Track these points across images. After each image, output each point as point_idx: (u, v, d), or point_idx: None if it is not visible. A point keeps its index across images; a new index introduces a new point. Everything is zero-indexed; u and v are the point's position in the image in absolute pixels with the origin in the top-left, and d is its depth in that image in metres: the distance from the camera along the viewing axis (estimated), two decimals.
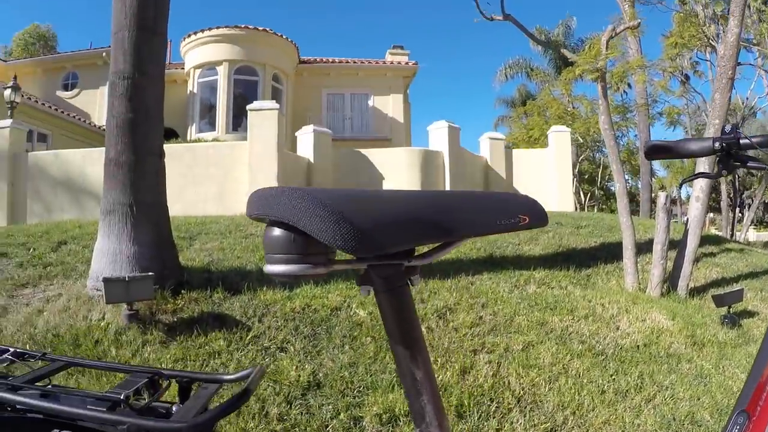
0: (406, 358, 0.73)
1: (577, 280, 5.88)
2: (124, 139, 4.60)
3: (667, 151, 1.47)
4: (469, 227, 0.70)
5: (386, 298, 0.72)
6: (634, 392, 3.45)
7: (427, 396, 0.74)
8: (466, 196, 0.75)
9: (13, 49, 31.46)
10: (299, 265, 0.60)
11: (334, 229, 0.58)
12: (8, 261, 5.59)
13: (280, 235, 0.60)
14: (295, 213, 0.58)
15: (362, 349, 3.78)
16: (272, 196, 0.61)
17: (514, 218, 0.74)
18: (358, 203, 0.62)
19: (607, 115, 6.99)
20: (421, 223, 0.67)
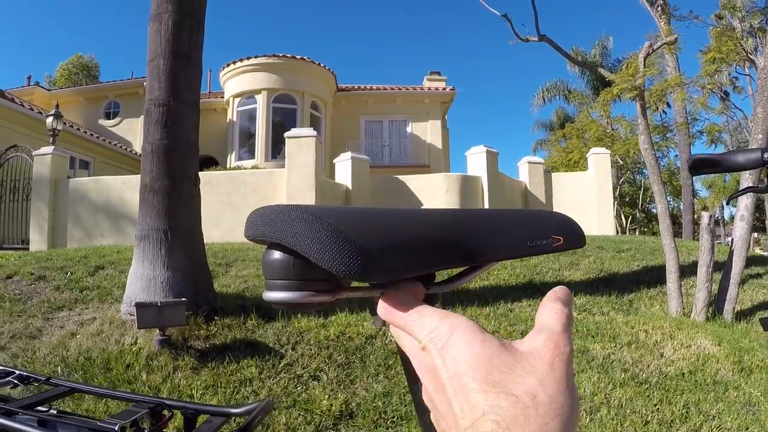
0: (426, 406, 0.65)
1: (619, 306, 5.71)
2: (159, 165, 4.64)
3: (712, 165, 1.39)
4: (496, 250, 0.62)
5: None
6: (680, 423, 3.31)
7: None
8: (492, 214, 0.67)
9: (57, 78, 32.51)
10: (300, 292, 0.52)
11: (334, 252, 0.49)
12: (46, 284, 5.69)
13: (278, 259, 0.53)
14: (293, 234, 0.50)
15: (397, 378, 3.70)
16: (270, 215, 0.53)
17: (547, 239, 0.65)
18: (365, 222, 0.53)
19: (646, 135, 6.83)
20: (440, 245, 0.58)
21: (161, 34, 4.82)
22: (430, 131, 19.98)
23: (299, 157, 10.37)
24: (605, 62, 23.37)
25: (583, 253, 7.76)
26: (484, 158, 12.05)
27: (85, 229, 10.99)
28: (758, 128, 5.99)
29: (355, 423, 3.14)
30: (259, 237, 0.54)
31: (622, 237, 11.98)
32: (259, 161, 17.23)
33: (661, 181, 6.90)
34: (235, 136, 18.49)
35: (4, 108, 13.73)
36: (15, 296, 5.35)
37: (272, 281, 0.54)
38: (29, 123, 14.65)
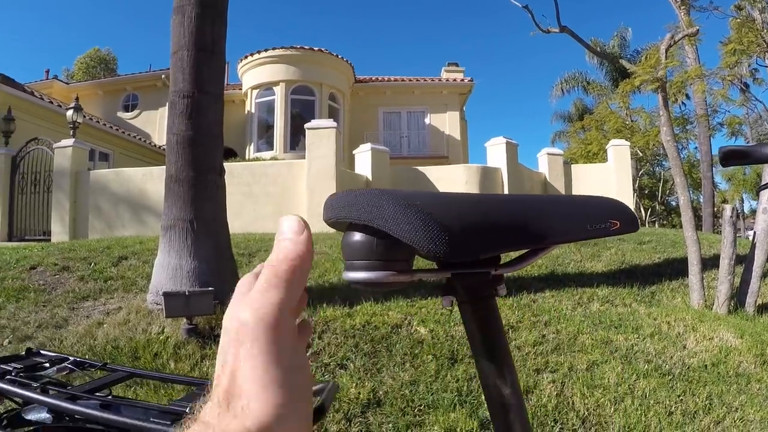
0: (492, 373, 0.67)
1: (641, 298, 5.70)
2: (185, 156, 4.68)
3: (743, 157, 1.40)
4: (560, 233, 0.65)
5: (470, 310, 0.66)
6: (703, 414, 3.31)
7: (514, 413, 0.68)
8: (556, 200, 0.69)
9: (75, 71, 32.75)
10: (382, 272, 0.55)
11: (423, 232, 0.52)
12: (70, 274, 5.76)
13: (361, 240, 0.55)
14: (381, 215, 0.53)
15: (423, 367, 3.72)
16: (355, 197, 0.56)
17: (605, 223, 0.68)
18: (448, 206, 0.56)
19: (669, 127, 6.79)
20: (512, 227, 0.61)
21: (184, 26, 4.85)
22: (448, 122, 19.94)
23: (319, 149, 10.38)
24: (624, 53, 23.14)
25: (605, 244, 7.74)
26: (504, 149, 12.01)
27: (106, 221, 11.10)
28: None
29: (382, 411, 3.16)
30: (342, 219, 0.57)
31: (643, 229, 11.91)
32: (277, 152, 17.30)
33: (683, 173, 6.86)
34: (253, 128, 18.58)
35: (24, 101, 13.85)
36: (39, 287, 5.42)
37: (354, 261, 0.56)
38: (49, 116, 14.79)
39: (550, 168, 13.18)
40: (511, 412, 0.68)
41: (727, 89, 17.49)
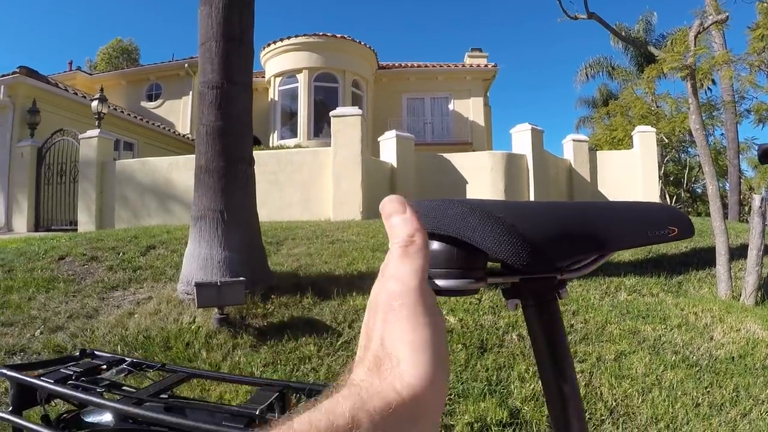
0: (554, 373, 0.70)
1: (668, 288, 5.67)
2: (215, 146, 4.72)
3: None
4: (623, 239, 0.68)
5: (535, 312, 0.69)
6: (730, 406, 3.31)
7: (572, 410, 0.71)
8: (619, 207, 0.72)
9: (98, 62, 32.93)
10: (462, 280, 0.58)
11: (508, 244, 0.56)
12: (99, 264, 5.82)
13: (442, 249, 0.59)
14: (467, 227, 0.57)
15: (453, 356, 3.74)
16: (436, 208, 0.59)
17: (664, 230, 0.71)
18: (525, 216, 0.60)
19: (697, 115, 6.72)
20: (583, 236, 0.65)
21: (212, 17, 4.87)
22: (472, 108, 19.84)
23: (345, 136, 10.38)
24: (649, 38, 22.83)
25: None
26: (529, 136, 11.94)
27: (133, 210, 11.22)
28: None
29: None
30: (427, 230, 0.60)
31: None
32: (301, 140, 17.36)
33: (712, 162, 6.78)
34: (276, 116, 18.64)
35: (48, 93, 13.98)
36: (69, 277, 5.49)
37: (433, 270, 0.60)
38: (73, 107, 14.91)
39: (576, 154, 13.07)
40: (570, 409, 0.71)
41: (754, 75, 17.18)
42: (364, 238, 6.80)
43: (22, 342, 4.00)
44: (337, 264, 5.73)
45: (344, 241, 6.69)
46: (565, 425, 0.72)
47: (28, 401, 0.88)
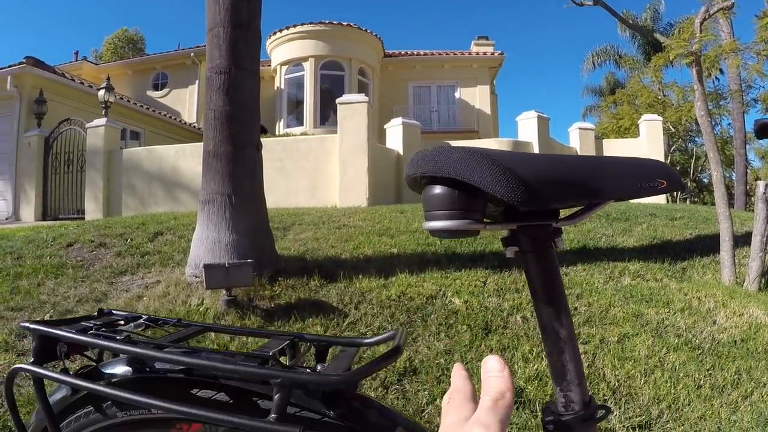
0: (550, 317, 0.75)
1: (672, 273, 5.69)
2: (222, 131, 4.75)
3: None
4: (615, 190, 0.72)
5: (533, 259, 0.74)
6: (731, 388, 3.32)
7: (568, 354, 0.75)
8: (608, 159, 0.76)
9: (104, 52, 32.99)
10: (460, 221, 0.63)
11: (505, 182, 0.60)
12: (107, 250, 5.88)
13: (442, 193, 0.63)
14: (468, 168, 0.61)
15: (458, 337, 3.78)
16: (440, 154, 0.64)
17: (654, 182, 0.75)
18: (521, 161, 0.64)
19: (703, 101, 6.71)
20: (575, 183, 0.69)
21: (220, 3, 4.89)
22: (478, 96, 19.84)
23: (351, 123, 10.40)
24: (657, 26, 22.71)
25: (636, 220, 7.71)
26: (536, 124, 11.97)
27: (140, 198, 11.29)
28: None
29: (418, 379, 3.24)
30: (428, 174, 0.64)
31: (674, 205, 11.80)
32: (307, 128, 17.40)
33: (717, 149, 6.78)
34: (283, 104, 18.68)
35: (55, 83, 14.02)
36: (77, 263, 5.53)
37: (435, 212, 0.64)
38: (80, 97, 14.97)
39: (582, 143, 13.07)
40: (566, 352, 0.75)
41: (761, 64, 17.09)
42: (370, 224, 6.84)
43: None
44: (343, 248, 5.78)
45: (350, 227, 6.73)
46: (561, 368, 0.76)
47: (48, 355, 0.91)
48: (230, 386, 0.84)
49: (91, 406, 0.92)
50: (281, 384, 0.73)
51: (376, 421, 0.79)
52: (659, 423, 2.92)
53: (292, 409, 0.78)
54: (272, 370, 0.78)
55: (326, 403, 0.78)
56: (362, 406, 0.81)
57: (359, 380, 0.74)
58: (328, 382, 0.75)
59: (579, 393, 0.77)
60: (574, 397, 0.77)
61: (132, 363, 0.90)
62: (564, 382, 0.76)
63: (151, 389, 0.84)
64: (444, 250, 5.76)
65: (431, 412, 2.92)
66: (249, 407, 0.81)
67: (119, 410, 0.89)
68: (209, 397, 0.83)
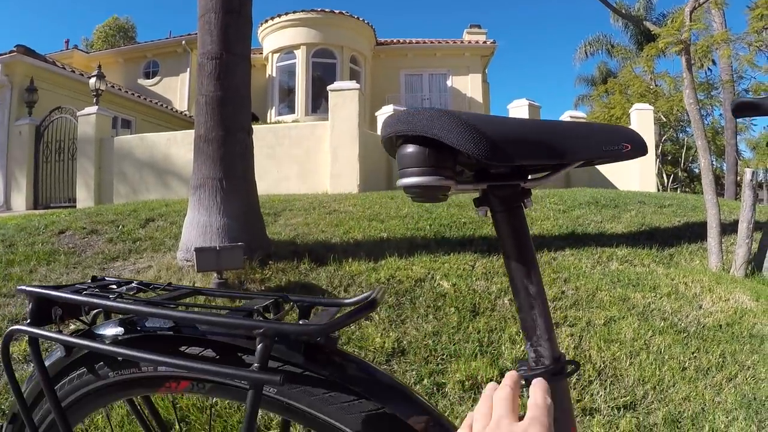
0: (520, 274, 0.79)
1: (659, 259, 5.75)
2: (214, 116, 4.77)
3: (755, 109, 1.44)
4: (579, 152, 0.76)
5: (503, 218, 0.78)
6: (716, 370, 3.37)
7: (538, 310, 0.79)
8: (575, 124, 0.80)
9: (94, 40, 32.78)
10: (432, 177, 0.67)
11: (471, 139, 0.64)
12: (99, 237, 5.88)
13: (415, 150, 0.67)
14: (438, 127, 0.65)
15: (446, 319, 3.83)
16: (413, 116, 0.68)
17: (618, 145, 0.79)
18: (489, 122, 0.68)
19: (692, 89, 6.75)
20: (540, 142, 0.72)
21: None
22: (470, 85, 19.86)
23: (342, 110, 10.41)
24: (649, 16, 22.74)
25: (625, 207, 7.77)
26: (527, 112, 12.02)
27: (131, 185, 11.28)
28: None
29: (406, 359, 3.29)
30: (401, 133, 0.68)
31: (664, 194, 11.88)
32: (299, 116, 17.37)
33: (705, 136, 6.83)
34: (274, 92, 18.64)
35: (45, 72, 13.98)
36: (69, 249, 5.54)
37: (409, 169, 0.68)
38: (71, 85, 14.92)
39: None
40: (536, 308, 0.80)
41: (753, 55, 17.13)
42: (360, 209, 6.88)
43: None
44: (333, 233, 5.81)
45: (341, 212, 6.77)
46: (532, 323, 0.81)
47: (44, 317, 0.94)
48: (217, 342, 0.87)
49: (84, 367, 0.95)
50: (263, 334, 0.76)
51: (353, 374, 0.82)
52: (644, 404, 2.97)
53: (275, 363, 0.82)
54: (255, 321, 0.82)
55: (307, 357, 0.82)
56: (342, 360, 0.85)
57: (335, 329, 0.77)
58: (306, 332, 0.79)
59: (549, 348, 0.81)
60: (544, 352, 0.81)
61: (124, 324, 0.94)
62: (534, 336, 0.81)
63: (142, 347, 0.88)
64: (433, 234, 5.81)
65: (419, 392, 2.96)
66: (234, 361, 0.85)
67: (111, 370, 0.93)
68: (197, 353, 0.87)
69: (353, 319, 0.80)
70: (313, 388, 0.82)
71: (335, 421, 0.82)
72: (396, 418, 0.81)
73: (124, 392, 0.98)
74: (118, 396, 0.99)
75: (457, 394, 2.93)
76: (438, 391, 2.97)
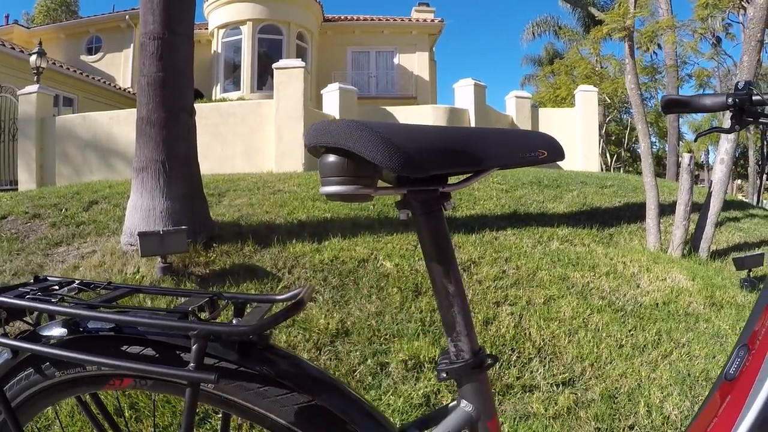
0: (440, 274, 0.83)
1: (599, 239, 5.92)
2: (156, 97, 4.68)
3: (683, 106, 1.51)
4: (496, 159, 0.80)
5: (423, 221, 0.82)
6: (652, 348, 3.49)
7: (457, 308, 0.84)
8: (493, 131, 0.84)
9: (36, 15, 31.56)
10: (351, 186, 0.71)
11: (384, 152, 0.68)
12: (41, 222, 5.73)
13: (335, 160, 0.71)
14: (353, 139, 0.69)
15: (389, 299, 3.89)
16: (330, 126, 0.71)
17: (535, 152, 0.84)
18: (404, 133, 0.72)
19: (633, 75, 6.93)
20: (456, 151, 0.77)
21: None
22: (417, 63, 19.97)
23: (288, 88, 10.34)
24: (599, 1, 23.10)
25: (567, 187, 7.94)
26: (472, 91, 12.13)
27: (74, 166, 10.98)
28: (743, 75, 6.12)
29: (350, 340, 3.33)
30: (322, 144, 0.72)
31: (606, 174, 12.16)
32: (244, 93, 17.21)
33: (646, 121, 7.03)
34: (219, 68, 18.40)
35: None
36: (12, 235, 5.39)
37: (329, 178, 0.72)
38: (10, 62, 14.46)
39: (518, 111, 13.28)
40: (455, 306, 0.85)
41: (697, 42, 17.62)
42: (305, 189, 6.87)
43: None
44: (277, 213, 5.81)
45: (285, 192, 6.75)
46: (451, 320, 0.86)
47: None
48: (156, 341, 0.90)
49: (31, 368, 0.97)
50: (197, 335, 0.80)
51: (285, 369, 0.86)
52: (582, 380, 3.07)
53: (211, 360, 0.85)
54: (189, 323, 0.85)
55: (241, 354, 0.85)
56: (275, 356, 0.88)
57: (264, 330, 0.81)
58: (237, 332, 0.82)
59: (468, 343, 0.86)
60: (463, 347, 0.86)
61: (67, 324, 0.95)
62: (454, 333, 0.86)
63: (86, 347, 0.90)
64: (377, 215, 5.86)
65: (363, 372, 3.02)
66: (173, 360, 0.88)
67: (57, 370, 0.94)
68: (137, 353, 0.89)
69: (280, 320, 0.83)
70: (248, 383, 0.85)
71: (270, 413, 0.85)
72: (326, 410, 0.85)
73: (71, 390, 0.99)
74: (65, 394, 1.01)
75: (401, 373, 2.99)
76: (382, 371, 3.03)
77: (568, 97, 17.67)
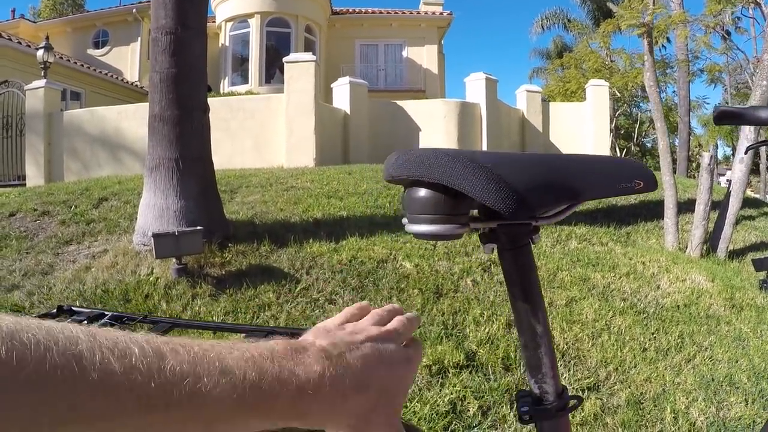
0: (527, 313, 0.76)
1: (617, 238, 5.85)
2: (168, 94, 4.60)
3: (737, 118, 1.45)
4: (594, 190, 0.74)
5: (510, 256, 0.74)
6: (675, 351, 3.44)
7: (544, 348, 0.77)
8: (589, 159, 0.78)
9: (42, 9, 31.62)
10: (448, 226, 0.62)
11: (495, 192, 0.60)
12: (51, 219, 5.67)
13: (429, 197, 0.62)
14: (456, 175, 0.60)
15: (410, 300, 3.82)
16: (425, 157, 0.62)
17: (631, 182, 0.77)
18: (509, 166, 0.64)
19: (652, 72, 6.84)
20: (560, 186, 0.69)
21: None
22: (426, 56, 19.88)
23: (298, 83, 10.22)
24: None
25: None
26: (484, 85, 11.99)
27: (82, 161, 10.92)
28: (763, 75, 6.01)
29: None
30: (414, 178, 0.63)
31: None
32: (252, 86, 17.15)
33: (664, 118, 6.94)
34: (227, 62, 18.35)
35: None
36: (21, 233, 5.33)
37: (420, 215, 0.63)
38: (18, 57, 14.42)
39: (529, 105, 13.19)
40: (542, 346, 0.77)
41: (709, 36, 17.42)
42: (318, 185, 6.80)
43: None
44: (292, 211, 5.74)
45: (298, 188, 6.68)
46: (537, 361, 0.78)
47: None
48: None
49: None
50: None
51: None
52: (607, 385, 3.01)
53: None
54: None
55: None
56: None
57: None
58: None
59: (553, 384, 0.79)
60: (548, 389, 0.79)
61: None
62: (539, 374, 0.78)
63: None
64: (393, 212, 5.79)
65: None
66: None
67: None
68: None
69: None
70: None
71: None
72: None
73: None
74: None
75: (425, 379, 2.92)
76: None
77: (578, 91, 17.50)
